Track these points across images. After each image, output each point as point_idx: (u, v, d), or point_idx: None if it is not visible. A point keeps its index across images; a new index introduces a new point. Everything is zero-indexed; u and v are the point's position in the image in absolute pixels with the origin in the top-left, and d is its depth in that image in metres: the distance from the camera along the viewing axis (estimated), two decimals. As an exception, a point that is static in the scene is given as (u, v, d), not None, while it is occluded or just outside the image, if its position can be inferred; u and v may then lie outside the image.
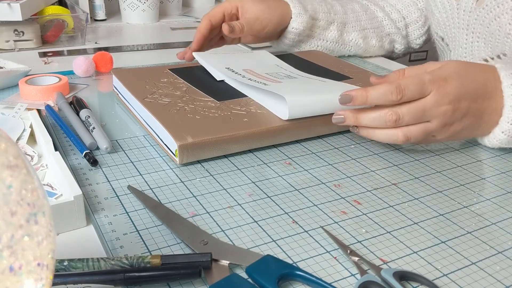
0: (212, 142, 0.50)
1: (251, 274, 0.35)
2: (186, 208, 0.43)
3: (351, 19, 0.87)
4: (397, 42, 0.92)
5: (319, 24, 0.85)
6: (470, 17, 0.73)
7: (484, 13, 0.69)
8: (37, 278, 0.24)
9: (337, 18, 0.86)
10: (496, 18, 0.67)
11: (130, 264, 0.34)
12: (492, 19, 0.68)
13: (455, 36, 0.78)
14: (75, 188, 0.41)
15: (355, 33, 0.88)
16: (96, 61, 0.77)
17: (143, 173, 0.48)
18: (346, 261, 0.37)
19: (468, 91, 0.50)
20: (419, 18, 0.91)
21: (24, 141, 0.53)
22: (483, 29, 0.70)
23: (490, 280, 0.36)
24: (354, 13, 0.88)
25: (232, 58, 0.74)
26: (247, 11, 0.80)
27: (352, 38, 0.88)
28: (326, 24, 0.85)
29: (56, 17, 0.98)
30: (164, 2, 1.33)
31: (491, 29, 0.68)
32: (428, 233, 0.41)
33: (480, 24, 0.71)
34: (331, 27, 0.86)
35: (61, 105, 0.62)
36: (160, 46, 0.99)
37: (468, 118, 0.51)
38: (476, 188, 0.48)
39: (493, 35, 0.68)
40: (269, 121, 0.55)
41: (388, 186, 0.48)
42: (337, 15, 0.86)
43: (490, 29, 0.69)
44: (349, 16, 0.87)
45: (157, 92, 0.61)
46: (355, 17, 0.88)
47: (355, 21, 0.88)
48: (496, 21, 0.67)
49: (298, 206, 0.44)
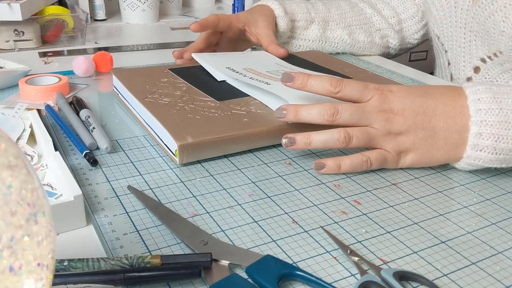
0: (212, 142, 0.50)
1: (251, 274, 0.34)
2: (186, 208, 0.43)
3: (335, 17, 0.88)
4: (390, 36, 0.92)
5: (298, 24, 0.86)
6: (467, 16, 0.73)
7: (480, 11, 0.69)
8: (37, 278, 0.24)
9: (317, 17, 0.87)
10: (490, 16, 0.67)
11: (130, 264, 0.34)
12: (487, 17, 0.68)
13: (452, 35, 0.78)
14: (75, 188, 0.41)
15: (339, 30, 0.88)
16: (96, 61, 0.77)
17: (143, 173, 0.48)
18: (346, 261, 0.37)
19: (417, 103, 0.48)
20: (415, 13, 0.92)
21: (24, 141, 0.53)
22: (479, 27, 0.70)
23: (490, 280, 0.36)
24: (339, 10, 0.89)
25: (232, 58, 0.74)
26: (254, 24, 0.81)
27: (337, 35, 0.88)
28: (305, 24, 0.87)
29: (56, 17, 0.98)
30: (164, 2, 1.33)
31: (486, 27, 0.68)
32: (428, 233, 0.41)
33: (476, 22, 0.71)
34: (311, 26, 0.87)
35: (61, 105, 0.62)
36: (160, 46, 0.99)
37: (418, 131, 0.48)
38: (476, 188, 0.48)
39: (489, 33, 0.68)
40: (269, 121, 0.55)
41: (388, 186, 0.48)
42: (318, 14, 0.87)
43: (485, 27, 0.69)
44: (333, 13, 0.88)
45: (157, 92, 0.61)
46: (340, 14, 0.89)
47: (339, 18, 0.89)
48: (490, 19, 0.67)
49: (298, 206, 0.44)
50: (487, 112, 0.46)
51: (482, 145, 0.47)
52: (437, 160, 0.50)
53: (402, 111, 0.48)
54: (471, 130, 0.47)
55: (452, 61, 0.82)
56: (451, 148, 0.48)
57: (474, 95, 0.47)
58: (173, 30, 1.15)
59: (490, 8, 0.67)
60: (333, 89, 0.49)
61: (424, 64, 1.68)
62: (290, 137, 0.50)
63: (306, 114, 0.50)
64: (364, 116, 0.48)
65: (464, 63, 0.78)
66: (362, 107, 0.49)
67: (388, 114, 0.48)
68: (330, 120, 0.49)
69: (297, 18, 0.86)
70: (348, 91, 0.49)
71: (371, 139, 0.49)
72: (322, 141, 0.49)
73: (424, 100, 0.48)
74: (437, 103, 0.48)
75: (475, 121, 0.47)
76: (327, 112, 0.49)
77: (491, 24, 0.67)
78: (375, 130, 0.48)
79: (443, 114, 0.48)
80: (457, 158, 0.49)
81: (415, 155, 0.49)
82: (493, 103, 0.47)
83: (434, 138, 0.48)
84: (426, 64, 1.65)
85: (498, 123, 0.46)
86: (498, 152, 0.47)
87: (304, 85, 0.50)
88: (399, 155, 0.49)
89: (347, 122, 0.49)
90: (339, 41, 0.89)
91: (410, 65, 0.92)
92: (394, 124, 0.48)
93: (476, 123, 0.47)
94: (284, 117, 0.51)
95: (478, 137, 0.47)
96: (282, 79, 0.51)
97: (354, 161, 0.49)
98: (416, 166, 0.50)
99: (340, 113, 0.48)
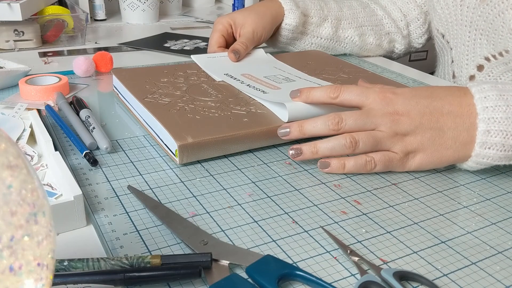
0: (212, 142, 0.50)
1: (251, 274, 0.35)
2: (186, 208, 0.43)
3: (347, 16, 0.87)
4: (397, 42, 0.92)
5: (311, 20, 0.85)
6: (473, 14, 0.73)
7: (488, 9, 0.69)
8: (37, 278, 0.24)
9: (331, 15, 0.86)
10: (500, 14, 0.67)
11: (130, 264, 0.34)
12: (496, 15, 0.68)
13: (457, 33, 0.78)
14: (75, 188, 0.41)
15: (351, 30, 0.87)
16: (96, 61, 0.77)
17: (143, 173, 0.48)
18: (346, 261, 0.37)
19: (423, 104, 0.48)
20: (419, 15, 0.91)
21: (24, 141, 0.53)
22: (487, 26, 0.70)
23: (490, 280, 0.36)
24: (351, 9, 0.88)
25: (231, 61, 0.74)
26: (241, 25, 0.81)
27: (348, 35, 0.87)
28: (319, 20, 0.85)
29: (56, 17, 0.98)
30: (164, 2, 1.33)
31: (495, 26, 0.68)
32: (428, 233, 0.41)
33: (483, 20, 0.70)
34: (325, 23, 0.85)
35: (61, 105, 0.62)
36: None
37: (425, 131, 0.47)
38: (476, 188, 0.48)
39: (497, 32, 0.68)
40: (269, 121, 0.55)
41: (388, 186, 0.48)
42: (331, 12, 0.86)
43: (493, 26, 0.69)
44: (345, 12, 0.87)
45: (157, 92, 0.61)
46: (352, 13, 0.88)
47: (351, 18, 0.87)
48: (500, 17, 0.67)
49: (298, 206, 0.44)
50: (494, 109, 0.46)
51: (491, 142, 0.46)
52: (447, 160, 0.49)
53: (408, 112, 0.48)
54: (479, 128, 0.46)
55: (455, 59, 0.81)
56: (460, 146, 0.48)
57: (480, 93, 0.47)
58: (173, 30, 1.15)
59: (499, 6, 0.67)
60: (332, 94, 0.50)
61: (424, 64, 1.68)
62: (297, 148, 0.50)
63: (311, 128, 0.50)
64: (369, 120, 0.48)
65: (468, 61, 0.78)
66: (366, 112, 0.48)
67: (394, 116, 0.48)
68: (335, 129, 0.49)
69: (310, 13, 0.84)
70: (347, 95, 0.50)
71: (378, 142, 0.48)
72: (328, 148, 0.49)
73: (430, 101, 0.48)
74: (443, 103, 0.48)
75: (483, 119, 0.46)
76: (331, 121, 0.49)
77: (500, 22, 0.67)
78: (382, 133, 0.48)
79: (451, 114, 0.47)
80: (465, 157, 0.48)
81: (424, 155, 0.48)
82: (500, 100, 0.46)
83: (443, 137, 0.48)
84: (426, 64, 1.65)
85: (506, 120, 0.46)
86: (507, 149, 0.46)
87: (307, 97, 0.53)
88: (407, 156, 0.49)
89: (352, 128, 0.49)
90: (349, 41, 0.88)
91: (410, 65, 0.92)
92: (400, 124, 0.48)
93: (484, 121, 0.46)
94: (289, 135, 0.52)
95: (486, 134, 0.46)
96: (291, 95, 0.55)
97: (358, 162, 0.49)
98: (424, 168, 0.49)
99: (345, 120, 0.48)
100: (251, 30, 0.79)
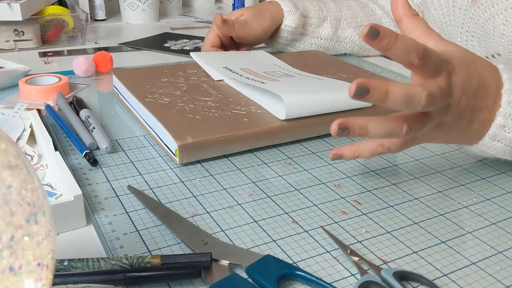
0: (212, 142, 0.50)
1: (251, 274, 0.35)
2: (186, 208, 0.43)
3: (346, 16, 0.88)
4: None
5: (311, 21, 0.85)
6: (465, 16, 0.73)
7: (479, 12, 0.69)
8: (37, 278, 0.24)
9: (330, 15, 0.86)
10: (490, 18, 0.67)
11: (130, 264, 0.34)
12: (487, 19, 0.68)
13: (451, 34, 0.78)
14: (75, 188, 0.41)
15: (351, 30, 0.88)
16: (96, 61, 0.77)
17: (143, 173, 0.48)
18: (346, 261, 0.37)
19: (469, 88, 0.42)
20: None
21: (24, 141, 0.53)
22: (478, 28, 0.70)
23: (490, 280, 0.36)
24: (350, 9, 0.88)
25: (230, 58, 0.74)
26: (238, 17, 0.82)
27: (347, 35, 0.88)
28: (318, 21, 0.86)
29: (56, 17, 0.98)
30: (164, 2, 1.33)
31: (486, 29, 0.68)
32: (428, 233, 0.41)
33: (475, 23, 0.70)
34: (324, 24, 0.86)
35: (61, 105, 0.62)
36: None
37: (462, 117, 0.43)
38: (476, 188, 0.48)
39: (488, 35, 0.68)
40: (269, 121, 0.55)
41: (388, 186, 0.48)
42: (330, 12, 0.87)
43: (484, 29, 0.68)
44: (344, 12, 0.88)
45: (157, 92, 0.61)
46: (351, 13, 0.88)
47: (350, 18, 0.88)
48: (490, 21, 0.67)
49: (298, 206, 0.44)
50: None
51: (502, 136, 0.45)
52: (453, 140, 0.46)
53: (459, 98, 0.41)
54: (496, 120, 0.44)
55: None
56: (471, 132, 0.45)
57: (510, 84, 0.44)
58: (173, 30, 1.15)
59: (490, 10, 0.67)
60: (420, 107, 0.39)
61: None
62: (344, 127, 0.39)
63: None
64: None
65: None
66: None
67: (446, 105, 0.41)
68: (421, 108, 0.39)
69: (310, 14, 0.85)
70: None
71: None
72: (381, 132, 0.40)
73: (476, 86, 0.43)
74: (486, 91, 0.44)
75: (503, 113, 0.44)
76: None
77: (491, 26, 0.67)
78: None
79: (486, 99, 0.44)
80: (472, 141, 0.46)
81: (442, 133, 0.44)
82: None
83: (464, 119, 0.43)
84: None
85: None
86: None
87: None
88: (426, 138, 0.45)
89: None
90: (349, 41, 0.88)
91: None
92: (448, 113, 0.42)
93: (503, 115, 0.44)
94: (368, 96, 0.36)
95: (501, 129, 0.45)
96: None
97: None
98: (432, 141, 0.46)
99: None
100: (245, 20, 0.81)
